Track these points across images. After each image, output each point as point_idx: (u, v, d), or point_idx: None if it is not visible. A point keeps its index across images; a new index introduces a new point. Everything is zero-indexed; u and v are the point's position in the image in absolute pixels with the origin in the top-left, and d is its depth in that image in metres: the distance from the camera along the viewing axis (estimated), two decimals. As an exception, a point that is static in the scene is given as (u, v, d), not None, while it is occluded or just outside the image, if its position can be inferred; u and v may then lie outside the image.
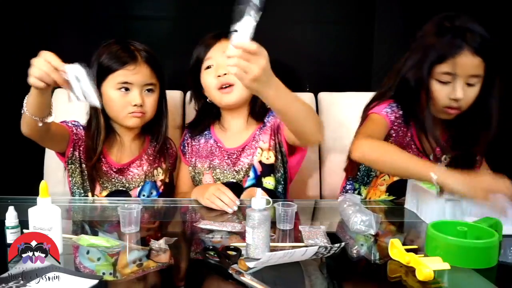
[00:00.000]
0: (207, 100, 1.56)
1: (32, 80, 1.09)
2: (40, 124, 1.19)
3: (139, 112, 1.44)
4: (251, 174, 1.52)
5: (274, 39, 1.71)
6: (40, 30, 1.92)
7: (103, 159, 1.47)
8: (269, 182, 1.51)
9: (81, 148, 1.45)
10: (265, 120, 1.56)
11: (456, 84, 1.32)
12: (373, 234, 1.14)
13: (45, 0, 1.91)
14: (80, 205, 1.39)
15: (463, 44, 1.29)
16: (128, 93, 1.43)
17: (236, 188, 1.49)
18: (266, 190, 1.49)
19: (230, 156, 1.54)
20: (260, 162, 1.51)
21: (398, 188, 1.47)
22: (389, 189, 1.52)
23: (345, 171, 1.62)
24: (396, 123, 1.44)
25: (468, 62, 1.30)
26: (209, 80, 1.50)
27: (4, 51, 1.89)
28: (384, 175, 1.52)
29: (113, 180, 1.47)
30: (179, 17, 1.99)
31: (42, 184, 0.99)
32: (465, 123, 1.41)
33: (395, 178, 1.49)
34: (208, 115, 1.60)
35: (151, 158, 1.54)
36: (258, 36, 1.60)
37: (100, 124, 1.45)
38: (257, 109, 1.55)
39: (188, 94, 1.83)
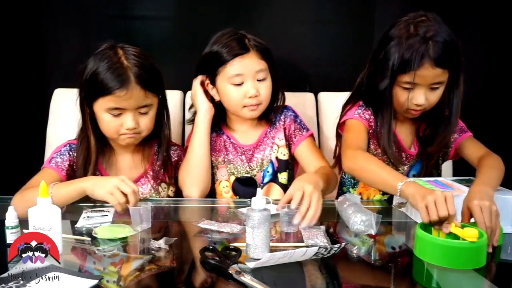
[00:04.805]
0: (215, 102, 1.52)
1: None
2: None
3: (133, 134, 1.36)
4: (270, 169, 1.55)
5: (274, 39, 1.72)
6: (40, 30, 1.92)
7: None
8: (283, 177, 1.55)
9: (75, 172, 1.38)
10: (275, 119, 1.59)
11: (417, 91, 1.34)
12: (373, 234, 1.14)
13: (45, 0, 1.91)
14: (79, 205, 1.39)
15: (425, 55, 1.28)
16: (120, 117, 1.33)
17: (250, 182, 1.54)
18: (281, 185, 1.54)
19: (245, 153, 1.56)
20: (277, 158, 1.56)
21: None
22: None
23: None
24: (370, 120, 1.47)
25: (429, 74, 1.30)
26: (236, 96, 1.47)
27: (4, 51, 1.89)
28: None
29: None
30: (179, 17, 1.99)
31: (42, 184, 1.00)
32: (431, 119, 1.46)
33: None
34: (218, 115, 1.55)
35: (156, 174, 1.46)
36: (259, 36, 1.60)
37: (91, 145, 1.37)
38: (266, 113, 1.55)
39: (188, 94, 1.83)
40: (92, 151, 1.37)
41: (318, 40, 1.99)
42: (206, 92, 1.51)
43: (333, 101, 1.84)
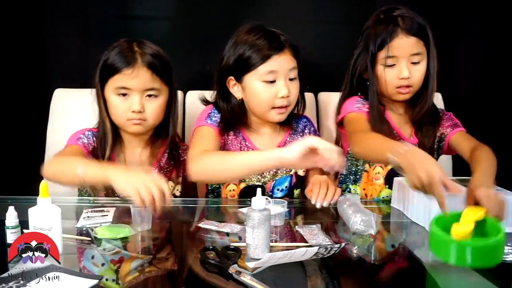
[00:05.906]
0: (237, 100, 1.46)
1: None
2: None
3: (138, 119, 1.38)
4: (287, 184, 1.53)
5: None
6: (40, 30, 1.92)
7: None
8: (297, 193, 1.54)
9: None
10: (296, 127, 1.55)
11: (400, 65, 1.42)
12: (373, 234, 1.14)
13: (45, 0, 1.91)
14: (79, 205, 1.39)
15: (396, 28, 1.40)
16: (127, 98, 1.37)
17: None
18: None
19: None
20: (296, 173, 1.54)
21: None
22: (388, 181, 1.52)
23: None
24: (370, 114, 1.48)
25: (405, 43, 1.41)
26: (267, 95, 1.39)
27: (4, 51, 1.89)
28: (375, 167, 1.54)
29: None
30: (179, 17, 1.99)
31: (42, 184, 1.00)
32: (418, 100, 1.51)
33: (389, 167, 1.51)
34: (238, 116, 1.48)
35: (163, 172, 1.45)
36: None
37: (107, 128, 1.41)
38: (288, 118, 1.49)
39: (188, 94, 1.83)
40: (108, 131, 1.41)
41: (318, 40, 1.99)
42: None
43: (333, 101, 1.84)
